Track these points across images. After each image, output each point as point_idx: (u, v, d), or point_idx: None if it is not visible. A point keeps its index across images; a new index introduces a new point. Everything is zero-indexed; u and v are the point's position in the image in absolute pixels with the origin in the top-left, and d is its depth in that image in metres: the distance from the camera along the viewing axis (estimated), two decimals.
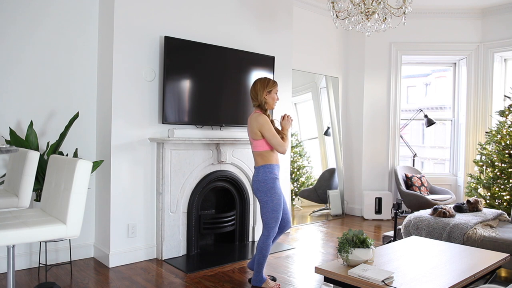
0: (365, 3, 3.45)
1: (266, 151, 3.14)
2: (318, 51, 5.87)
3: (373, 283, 2.21)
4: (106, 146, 3.70)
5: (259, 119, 3.10)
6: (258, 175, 3.14)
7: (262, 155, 3.14)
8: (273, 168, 3.15)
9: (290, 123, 3.26)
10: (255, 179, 3.15)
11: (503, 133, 5.07)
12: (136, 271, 3.51)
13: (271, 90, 3.21)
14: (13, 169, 2.81)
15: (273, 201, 3.11)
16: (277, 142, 3.10)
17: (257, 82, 3.25)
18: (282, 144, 3.11)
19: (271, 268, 3.63)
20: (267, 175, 3.11)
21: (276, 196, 3.11)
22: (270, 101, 3.21)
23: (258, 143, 3.13)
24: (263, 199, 3.12)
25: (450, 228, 3.57)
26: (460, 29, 5.94)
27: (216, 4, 4.29)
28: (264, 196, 3.11)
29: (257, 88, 3.21)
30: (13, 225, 2.01)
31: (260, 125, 3.09)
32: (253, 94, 3.24)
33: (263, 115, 3.14)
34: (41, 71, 3.59)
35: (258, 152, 3.15)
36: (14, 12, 3.44)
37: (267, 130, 3.08)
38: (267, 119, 3.13)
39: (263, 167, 3.13)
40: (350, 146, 6.27)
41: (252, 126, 3.13)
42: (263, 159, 3.14)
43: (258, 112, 3.18)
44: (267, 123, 3.10)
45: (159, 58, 3.87)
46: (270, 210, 3.11)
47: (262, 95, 3.18)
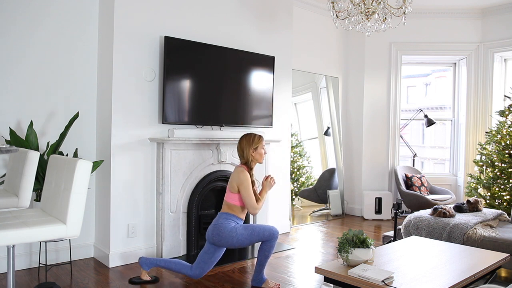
0: (365, 3, 3.45)
1: (236, 205, 3.14)
2: (318, 51, 5.87)
3: (373, 283, 2.20)
4: (106, 146, 3.70)
5: (240, 175, 3.11)
6: (218, 220, 3.10)
7: (231, 208, 3.14)
8: (237, 219, 3.14)
9: (272, 185, 3.27)
10: (215, 224, 3.09)
11: (503, 133, 5.07)
12: (136, 271, 3.50)
13: (257, 146, 3.21)
14: (13, 169, 2.81)
15: (242, 233, 3.04)
16: (250, 203, 3.10)
17: (243, 139, 3.24)
18: (254, 207, 3.11)
19: (271, 268, 3.63)
20: (227, 220, 3.09)
21: (238, 227, 3.06)
22: (257, 157, 3.23)
23: (233, 195, 3.14)
24: (234, 241, 3.03)
25: (450, 228, 3.57)
26: (460, 29, 5.94)
27: (216, 4, 4.29)
28: (231, 238, 3.02)
29: (243, 145, 3.21)
30: (13, 225, 2.01)
31: (240, 181, 3.10)
32: (239, 152, 3.24)
33: (246, 173, 3.13)
34: (41, 71, 3.59)
35: (229, 203, 3.16)
36: (14, 12, 3.44)
37: (244, 188, 3.09)
38: (248, 178, 3.13)
39: (226, 213, 3.12)
40: (350, 146, 6.27)
41: (232, 179, 3.16)
42: (230, 210, 3.14)
43: (243, 167, 3.18)
44: (246, 181, 3.10)
45: (159, 58, 3.87)
46: (249, 236, 3.05)
47: (248, 152, 3.19)
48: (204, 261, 3.13)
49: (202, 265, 3.13)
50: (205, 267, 3.13)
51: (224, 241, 3.05)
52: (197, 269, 3.13)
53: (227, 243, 3.06)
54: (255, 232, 3.06)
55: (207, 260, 3.13)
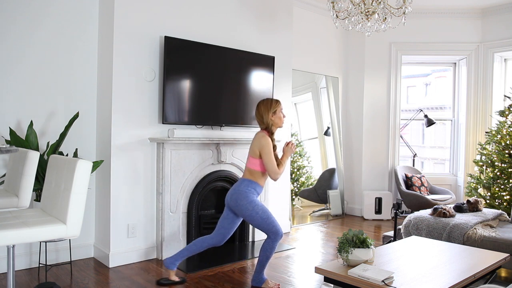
0: (365, 3, 3.45)
1: (258, 171, 3.13)
2: (318, 51, 5.87)
3: (373, 283, 2.20)
4: (106, 146, 3.70)
5: (261, 140, 3.09)
6: (240, 186, 3.10)
7: (253, 173, 3.14)
8: (257, 187, 3.14)
9: (292, 151, 3.26)
10: (235, 189, 3.10)
11: (503, 133, 5.07)
12: (136, 271, 3.51)
13: (275, 110, 3.18)
14: (13, 169, 2.81)
15: (258, 211, 3.05)
16: (272, 168, 3.09)
17: (260, 105, 3.22)
18: (276, 172, 3.10)
19: (271, 268, 3.63)
20: (249, 188, 3.09)
21: (258, 206, 3.06)
22: (277, 121, 3.19)
23: (254, 161, 3.13)
24: (247, 214, 3.05)
25: (450, 228, 3.57)
26: (460, 29, 5.94)
27: (216, 4, 4.29)
28: (246, 210, 3.04)
29: (261, 111, 3.18)
30: (13, 225, 2.01)
31: (261, 146, 3.08)
32: (258, 118, 3.21)
33: (267, 137, 3.12)
34: (41, 71, 3.59)
35: (250, 169, 3.15)
36: (14, 12, 3.44)
37: (266, 153, 3.07)
38: (270, 142, 3.11)
39: (248, 180, 3.12)
40: (350, 146, 6.27)
41: (253, 144, 3.14)
42: (251, 176, 3.14)
43: (264, 132, 3.17)
44: (268, 146, 3.08)
45: (159, 58, 3.87)
46: (260, 220, 3.05)
47: (268, 117, 3.16)
48: (224, 227, 3.16)
49: (222, 231, 3.16)
50: (225, 233, 3.16)
51: (239, 208, 3.05)
52: (218, 236, 3.16)
53: (241, 212, 3.06)
54: (268, 220, 3.05)
55: (226, 225, 3.16)
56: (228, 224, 3.15)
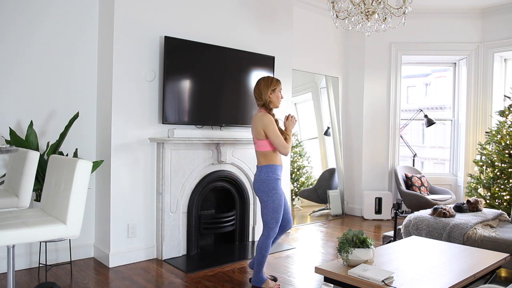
0: (365, 3, 3.45)
1: (269, 151, 3.12)
2: (318, 51, 5.87)
3: (373, 283, 2.20)
4: (106, 146, 3.70)
5: (264, 119, 3.08)
6: (260, 175, 3.12)
7: (265, 155, 3.12)
8: (276, 169, 3.13)
9: (294, 123, 3.25)
10: (257, 179, 3.13)
11: (503, 133, 5.07)
12: (136, 271, 3.51)
13: (275, 88, 3.19)
14: (13, 169, 2.81)
15: (274, 202, 3.09)
16: (280, 143, 3.07)
17: (261, 81, 3.23)
18: (285, 146, 3.09)
19: (271, 268, 3.63)
20: (269, 175, 3.10)
21: (277, 196, 3.10)
22: (274, 100, 3.20)
23: (262, 143, 3.11)
24: (264, 199, 3.10)
25: (450, 228, 3.57)
26: (460, 29, 5.94)
27: (216, 4, 4.29)
28: (265, 196, 3.09)
29: (261, 87, 3.19)
30: (13, 225, 2.01)
31: (265, 124, 3.07)
32: (257, 94, 3.22)
33: (268, 115, 3.12)
34: (41, 71, 3.59)
35: (261, 152, 3.14)
36: (14, 12, 3.44)
37: (271, 130, 3.06)
38: (272, 119, 3.11)
39: (265, 167, 3.12)
40: (350, 146, 6.27)
41: (256, 125, 3.11)
42: (266, 159, 3.12)
43: (263, 111, 3.16)
44: (271, 123, 3.07)
45: (159, 58, 3.87)
46: (270, 210, 3.10)
47: (266, 94, 3.16)
48: None
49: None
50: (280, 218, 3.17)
51: (260, 192, 3.09)
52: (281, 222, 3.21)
53: (260, 194, 3.10)
54: (274, 214, 3.08)
55: None
56: None
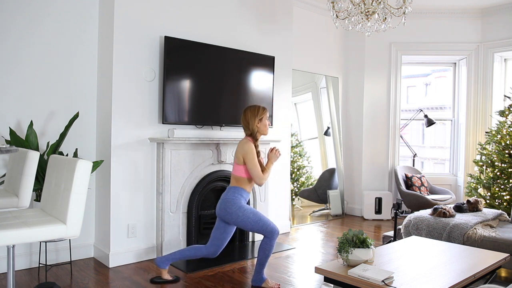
0: (365, 3, 3.45)
1: (243, 177, 3.17)
2: (318, 51, 5.87)
3: (373, 283, 2.21)
4: (106, 146, 3.70)
5: (245, 146, 3.14)
6: (226, 195, 3.14)
7: (238, 180, 3.17)
8: (243, 193, 3.16)
9: (277, 157, 3.28)
10: (223, 198, 3.14)
11: (503, 133, 5.07)
12: (136, 271, 3.51)
13: (262, 117, 3.24)
14: (13, 169, 2.81)
15: (249, 216, 3.07)
16: (256, 173, 3.12)
17: (247, 111, 3.26)
18: (260, 177, 3.13)
19: (271, 268, 3.63)
20: (235, 195, 3.12)
21: (247, 210, 3.08)
22: (262, 128, 3.25)
23: (239, 167, 3.17)
24: (239, 220, 3.07)
25: (450, 228, 3.57)
26: (460, 29, 5.94)
27: (216, 4, 4.29)
28: (237, 217, 3.07)
29: (248, 117, 3.23)
30: (13, 225, 2.01)
31: (245, 152, 3.12)
32: (244, 124, 3.26)
33: (250, 144, 3.16)
34: (41, 71, 3.59)
35: (235, 176, 3.19)
36: (14, 12, 3.44)
37: (250, 159, 3.11)
38: (253, 148, 3.15)
39: (234, 187, 3.16)
40: (350, 146, 6.27)
41: (237, 151, 3.19)
42: (237, 182, 3.17)
43: (248, 138, 3.21)
44: (251, 152, 3.12)
45: (159, 58, 3.87)
46: (254, 223, 3.07)
47: (253, 123, 3.21)
48: (217, 238, 3.16)
49: (216, 241, 3.16)
50: (219, 244, 3.16)
51: (229, 216, 3.08)
52: (212, 247, 3.17)
53: (232, 219, 3.08)
54: (260, 221, 3.07)
55: (219, 236, 3.16)
56: (220, 234, 3.16)
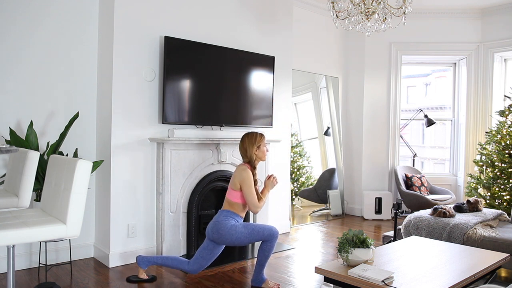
0: (365, 3, 3.45)
1: (238, 203, 3.16)
2: (318, 51, 5.87)
3: (373, 283, 2.21)
4: (106, 146, 3.70)
5: (243, 174, 3.13)
6: (218, 217, 3.12)
7: (232, 205, 3.16)
8: (236, 217, 3.15)
9: (274, 184, 3.28)
10: (215, 221, 3.10)
11: (503, 133, 5.07)
12: (136, 271, 3.50)
13: (259, 145, 3.24)
14: (13, 169, 2.81)
15: (242, 231, 3.05)
16: (252, 201, 3.12)
17: (245, 138, 3.26)
18: (256, 205, 3.13)
19: (271, 268, 3.63)
20: (227, 218, 3.10)
21: (238, 226, 3.07)
22: (260, 155, 3.26)
23: (235, 193, 3.16)
24: (234, 238, 3.04)
25: (450, 228, 3.57)
26: (460, 29, 5.94)
27: (216, 4, 4.29)
28: (230, 236, 3.03)
29: (246, 145, 3.23)
30: (13, 225, 2.01)
31: (243, 179, 3.12)
32: (242, 151, 3.26)
33: (248, 171, 3.15)
34: (41, 71, 3.59)
35: (230, 201, 3.18)
36: (14, 12, 3.44)
37: (247, 186, 3.11)
38: (251, 176, 3.15)
39: (227, 211, 3.15)
40: (350, 146, 6.27)
41: (234, 177, 3.18)
42: (230, 207, 3.16)
43: (245, 165, 3.21)
44: (248, 179, 3.12)
45: (159, 58, 3.87)
46: (248, 236, 3.06)
47: (252, 151, 3.22)
48: (203, 257, 3.14)
49: (200, 260, 3.14)
50: (203, 263, 3.14)
51: (223, 238, 3.06)
52: (195, 265, 3.14)
53: (226, 240, 3.07)
54: (255, 231, 3.07)
55: (206, 256, 3.14)
56: (207, 254, 3.13)
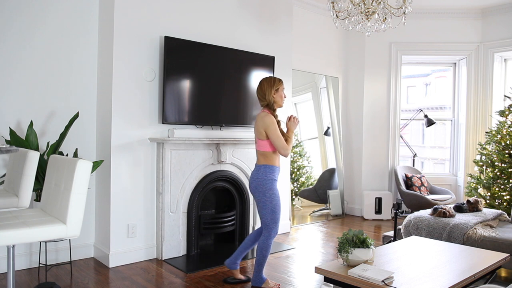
0: (365, 3, 3.45)
1: (269, 152, 3.13)
2: (318, 51, 5.87)
3: (373, 283, 2.20)
4: (106, 146, 3.70)
5: (265, 119, 3.10)
6: (257, 174, 3.13)
7: (265, 155, 3.14)
8: (274, 170, 3.14)
9: (296, 124, 3.26)
10: (254, 177, 3.14)
11: (503, 133, 5.07)
12: (136, 271, 3.51)
13: (278, 88, 3.21)
14: (13, 169, 2.81)
15: (272, 202, 3.09)
16: (281, 144, 3.09)
17: (263, 82, 3.24)
18: (285, 147, 3.10)
19: (271, 268, 3.63)
20: (266, 175, 3.10)
21: (274, 197, 3.10)
22: (278, 99, 3.21)
23: (263, 143, 3.13)
24: (262, 200, 3.10)
25: (450, 228, 3.57)
26: (460, 29, 5.93)
27: (216, 4, 4.29)
28: (263, 196, 3.09)
29: (264, 87, 3.20)
30: (13, 225, 2.01)
31: (266, 125, 3.09)
32: (260, 95, 3.23)
33: (270, 116, 3.12)
34: (41, 71, 3.59)
35: (261, 152, 3.15)
36: (14, 12, 3.44)
37: (272, 131, 3.07)
38: (274, 120, 3.12)
39: (264, 166, 3.13)
40: (350, 146, 6.27)
41: (258, 126, 3.13)
42: (265, 159, 3.14)
43: (266, 111, 3.17)
44: (273, 124, 3.09)
45: (159, 58, 3.87)
46: (269, 211, 3.10)
47: (270, 94, 3.18)
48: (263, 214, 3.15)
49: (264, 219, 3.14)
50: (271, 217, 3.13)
51: (257, 194, 3.09)
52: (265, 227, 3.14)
53: (257, 196, 3.10)
54: (273, 214, 3.09)
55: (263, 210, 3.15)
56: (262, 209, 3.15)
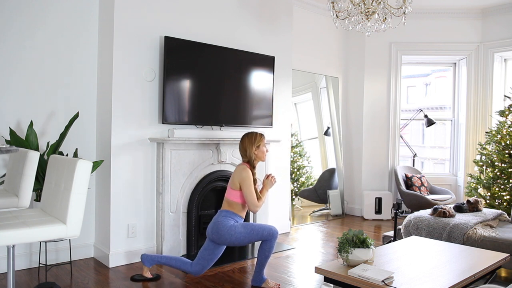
0: (365, 3, 3.44)
1: (238, 203, 3.16)
2: (318, 51, 5.87)
3: (373, 283, 2.21)
4: (106, 146, 3.70)
5: (242, 173, 3.14)
6: (218, 217, 3.12)
7: (231, 204, 3.17)
8: (236, 217, 3.16)
9: (272, 184, 3.29)
10: (215, 221, 3.11)
11: (503, 133, 5.07)
12: (136, 271, 3.50)
13: (259, 144, 3.25)
14: (13, 169, 2.81)
15: (241, 231, 3.05)
16: (252, 201, 3.12)
17: (245, 138, 3.27)
18: (255, 205, 3.13)
19: (271, 268, 3.63)
20: (227, 219, 3.10)
21: (238, 226, 3.07)
22: (260, 155, 3.26)
23: (234, 192, 3.16)
24: (233, 239, 3.05)
25: (450, 228, 3.57)
26: (460, 29, 5.94)
27: (216, 4, 4.29)
28: (229, 236, 3.04)
29: (245, 144, 3.24)
30: (13, 225, 2.01)
31: (242, 178, 3.13)
32: (241, 151, 3.27)
33: (248, 170, 3.16)
34: (41, 71, 3.59)
35: (229, 200, 3.18)
36: (14, 12, 3.44)
37: (246, 186, 3.11)
38: (250, 175, 3.15)
39: (226, 211, 3.15)
40: (350, 146, 6.27)
41: (234, 176, 3.18)
42: (230, 207, 3.16)
43: (245, 165, 3.21)
44: (248, 179, 3.13)
45: (159, 58, 3.87)
46: (248, 235, 3.06)
47: (251, 151, 3.22)
48: (204, 258, 3.14)
49: (202, 261, 3.14)
50: (205, 264, 3.14)
51: (223, 238, 3.06)
52: (197, 266, 3.14)
53: (226, 240, 3.07)
54: (254, 231, 3.07)
55: (207, 256, 3.14)
56: (208, 255, 3.13)
